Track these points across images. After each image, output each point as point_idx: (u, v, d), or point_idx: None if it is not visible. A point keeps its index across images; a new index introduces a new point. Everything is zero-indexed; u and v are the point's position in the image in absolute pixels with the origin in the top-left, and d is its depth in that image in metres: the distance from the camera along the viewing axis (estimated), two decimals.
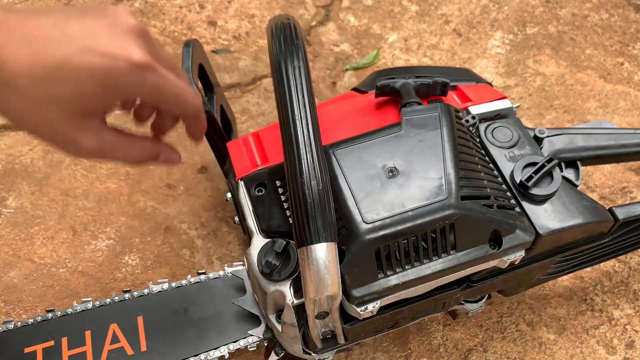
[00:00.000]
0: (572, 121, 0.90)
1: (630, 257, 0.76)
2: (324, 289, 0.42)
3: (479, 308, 0.63)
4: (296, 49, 0.48)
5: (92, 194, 0.78)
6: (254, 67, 0.94)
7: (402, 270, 0.48)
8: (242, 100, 0.90)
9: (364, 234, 0.46)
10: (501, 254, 0.50)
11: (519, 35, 1.00)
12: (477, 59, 0.97)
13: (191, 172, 0.81)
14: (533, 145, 0.57)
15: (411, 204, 0.47)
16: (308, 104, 0.45)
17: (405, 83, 0.56)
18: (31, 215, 0.76)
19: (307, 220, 0.41)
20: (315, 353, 0.56)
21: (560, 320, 0.70)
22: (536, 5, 1.05)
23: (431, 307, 0.57)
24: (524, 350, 0.68)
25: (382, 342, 0.68)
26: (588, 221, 0.53)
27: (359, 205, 0.47)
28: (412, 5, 1.05)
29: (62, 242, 0.74)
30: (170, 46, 0.95)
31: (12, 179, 0.79)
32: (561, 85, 0.94)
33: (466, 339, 0.69)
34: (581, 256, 0.60)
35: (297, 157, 0.43)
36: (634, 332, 0.70)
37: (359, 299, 0.48)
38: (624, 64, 0.97)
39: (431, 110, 0.53)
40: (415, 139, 0.51)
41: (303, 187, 0.42)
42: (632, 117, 0.90)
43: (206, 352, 0.58)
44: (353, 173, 0.49)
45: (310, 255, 0.41)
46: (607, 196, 0.81)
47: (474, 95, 0.61)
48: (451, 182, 0.48)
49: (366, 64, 0.96)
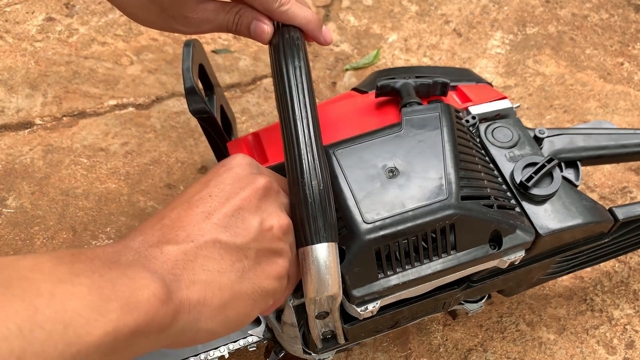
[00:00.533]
0: (572, 121, 0.90)
1: (630, 257, 0.76)
2: (325, 289, 0.42)
3: (479, 308, 0.63)
4: (297, 49, 0.48)
5: (92, 194, 0.78)
6: (254, 67, 0.94)
7: (402, 270, 0.48)
8: (242, 100, 0.90)
9: (364, 234, 0.46)
10: (501, 254, 0.50)
11: (519, 35, 1.01)
12: (477, 59, 0.97)
13: (191, 172, 0.81)
14: (533, 146, 0.57)
15: (411, 204, 0.47)
16: (308, 104, 0.45)
17: (405, 83, 0.56)
18: (31, 215, 0.76)
19: (307, 220, 0.41)
20: (315, 353, 0.56)
21: (560, 320, 0.70)
22: (536, 5, 1.05)
23: (431, 307, 0.57)
24: (524, 350, 0.68)
25: (382, 342, 0.68)
26: (588, 221, 0.53)
27: (359, 205, 0.47)
28: (412, 5, 1.05)
29: (62, 242, 0.74)
30: (170, 46, 0.95)
31: (12, 179, 0.79)
32: (561, 85, 0.94)
33: (466, 339, 0.69)
34: (581, 256, 0.60)
35: (298, 157, 0.43)
36: (634, 332, 0.70)
37: (359, 299, 0.48)
38: (624, 64, 0.97)
39: (431, 110, 0.53)
40: (416, 139, 0.51)
41: (304, 187, 0.42)
42: (632, 117, 0.90)
43: (206, 352, 0.58)
44: (353, 173, 0.49)
45: (310, 255, 0.41)
46: (607, 196, 0.81)
47: (474, 95, 0.61)
48: (451, 182, 0.48)
49: (366, 64, 0.96)
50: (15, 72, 0.90)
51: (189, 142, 0.84)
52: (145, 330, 0.31)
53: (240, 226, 0.38)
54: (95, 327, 0.29)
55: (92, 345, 0.29)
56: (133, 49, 0.94)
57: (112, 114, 0.86)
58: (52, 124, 0.85)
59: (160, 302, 0.32)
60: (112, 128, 0.85)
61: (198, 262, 0.35)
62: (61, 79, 0.90)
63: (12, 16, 0.97)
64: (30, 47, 0.93)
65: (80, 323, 0.28)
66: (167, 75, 0.91)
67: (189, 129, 0.86)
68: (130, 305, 0.31)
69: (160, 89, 0.90)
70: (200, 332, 0.36)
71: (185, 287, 0.34)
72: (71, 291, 0.29)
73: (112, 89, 0.89)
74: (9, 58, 0.91)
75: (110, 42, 0.95)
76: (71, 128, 0.84)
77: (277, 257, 0.40)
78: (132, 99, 0.88)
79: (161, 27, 0.50)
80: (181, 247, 0.35)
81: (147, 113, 0.87)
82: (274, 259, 0.40)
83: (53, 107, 0.86)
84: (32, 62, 0.91)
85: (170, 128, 0.85)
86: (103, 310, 0.29)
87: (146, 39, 0.96)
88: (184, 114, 0.87)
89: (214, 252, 0.36)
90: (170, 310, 0.33)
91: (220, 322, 0.37)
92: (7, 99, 0.87)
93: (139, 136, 0.84)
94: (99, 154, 0.82)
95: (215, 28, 0.50)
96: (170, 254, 0.35)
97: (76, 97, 0.88)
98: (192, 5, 0.48)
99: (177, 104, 0.88)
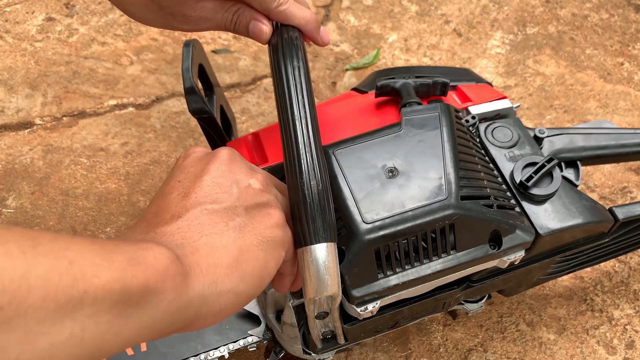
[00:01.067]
0: (572, 121, 0.90)
1: (630, 257, 0.76)
2: (324, 289, 0.41)
3: (479, 308, 0.63)
4: (296, 49, 0.48)
5: (92, 194, 0.78)
6: (254, 67, 0.94)
7: (402, 270, 0.48)
8: (242, 100, 0.90)
9: (364, 234, 0.46)
10: (501, 254, 0.50)
11: (519, 35, 1.00)
12: (477, 59, 0.97)
13: None
14: (533, 145, 0.57)
15: (411, 204, 0.47)
16: (308, 104, 0.45)
17: (405, 83, 0.56)
18: (31, 215, 0.76)
19: (306, 220, 0.41)
20: (315, 353, 0.56)
21: (560, 320, 0.70)
22: (536, 5, 1.05)
23: (431, 307, 0.57)
24: (524, 350, 0.68)
25: (382, 342, 0.68)
26: (588, 221, 0.53)
27: (358, 205, 0.47)
28: (412, 5, 1.05)
29: None
30: (170, 46, 0.95)
31: (12, 179, 0.79)
32: (561, 85, 0.94)
33: (466, 339, 0.69)
34: (581, 256, 0.60)
35: (297, 158, 0.43)
36: (634, 332, 0.70)
37: (359, 299, 0.47)
38: (624, 64, 0.97)
39: (431, 110, 0.53)
40: (415, 139, 0.51)
41: (303, 187, 0.42)
42: (632, 117, 0.90)
43: (206, 352, 0.58)
44: (353, 173, 0.49)
45: (310, 255, 0.41)
46: (607, 196, 0.81)
47: (474, 95, 0.61)
48: (451, 182, 0.48)
49: (366, 64, 0.96)
50: (15, 72, 0.90)
51: (189, 142, 0.84)
52: (158, 289, 0.31)
53: (219, 192, 0.38)
54: (102, 270, 0.28)
55: (100, 289, 0.27)
56: (133, 49, 0.94)
57: (112, 114, 0.86)
58: (52, 124, 0.85)
59: (169, 259, 0.32)
60: (112, 128, 0.85)
61: (193, 231, 0.36)
62: (61, 79, 0.90)
63: (12, 16, 0.97)
64: (30, 47, 0.93)
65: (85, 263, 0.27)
66: (167, 75, 0.91)
67: (189, 129, 0.86)
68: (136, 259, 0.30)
69: (160, 89, 0.90)
70: (222, 295, 0.35)
71: (190, 253, 0.34)
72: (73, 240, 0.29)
73: (112, 89, 0.89)
74: (9, 58, 0.91)
75: (110, 42, 0.95)
76: (71, 128, 0.84)
77: (268, 208, 0.40)
78: (132, 99, 0.88)
79: (160, 25, 0.51)
80: (172, 225, 0.36)
81: (147, 113, 0.87)
82: (266, 210, 0.40)
83: (53, 107, 0.86)
84: (32, 62, 0.91)
85: (170, 128, 0.85)
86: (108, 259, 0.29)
87: (146, 38, 0.96)
88: (184, 114, 0.87)
89: (205, 219, 0.36)
90: (180, 271, 0.32)
91: (239, 279, 0.36)
92: (7, 99, 0.87)
93: (139, 136, 0.84)
94: (99, 154, 0.82)
95: (213, 26, 0.51)
96: (165, 231, 0.35)
97: (76, 97, 0.88)
98: (190, 4, 0.48)
99: (177, 104, 0.88)
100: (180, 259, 0.33)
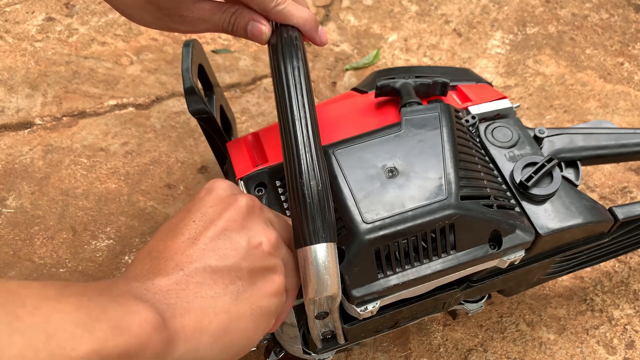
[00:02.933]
0: (572, 121, 0.90)
1: (630, 257, 0.76)
2: (324, 289, 0.41)
3: (479, 308, 0.63)
4: (295, 49, 0.48)
5: (92, 194, 0.78)
6: (254, 67, 0.94)
7: (402, 270, 0.48)
8: (242, 100, 0.90)
9: (364, 234, 0.46)
10: (501, 254, 0.50)
11: (519, 35, 1.00)
12: (477, 59, 0.97)
13: (191, 172, 0.81)
14: (533, 145, 0.57)
15: (411, 204, 0.47)
16: (307, 104, 0.45)
17: (405, 83, 0.56)
18: (31, 215, 0.76)
19: (306, 220, 0.41)
20: (315, 353, 0.56)
21: (560, 320, 0.70)
22: (536, 5, 1.05)
23: (431, 307, 0.57)
24: (524, 350, 0.68)
25: (382, 342, 0.68)
26: (588, 221, 0.53)
27: (358, 205, 0.47)
28: (412, 5, 1.05)
29: (62, 242, 0.74)
30: (170, 46, 0.95)
31: (12, 179, 0.79)
32: (561, 85, 0.94)
33: (466, 339, 0.69)
34: (581, 256, 0.60)
35: (297, 158, 0.43)
36: (634, 332, 0.70)
37: (359, 299, 0.47)
38: (624, 64, 0.97)
39: (431, 110, 0.53)
40: (415, 139, 0.51)
41: (302, 187, 0.42)
42: (632, 117, 0.90)
43: None
44: (353, 173, 0.49)
45: (309, 255, 0.41)
46: (607, 196, 0.81)
47: (474, 95, 0.61)
48: (451, 182, 0.48)
49: (366, 64, 0.96)
50: (15, 72, 0.90)
51: (189, 142, 0.84)
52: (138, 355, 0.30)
53: (228, 247, 0.37)
54: (81, 343, 0.28)
55: None
56: (133, 49, 0.94)
57: (112, 114, 0.86)
58: (52, 124, 0.85)
59: (153, 328, 0.31)
60: (112, 128, 0.85)
61: (190, 290, 0.35)
62: (61, 79, 0.90)
63: (12, 16, 0.97)
64: (30, 47, 0.93)
65: (64, 337, 0.27)
66: (167, 75, 0.91)
67: (189, 129, 0.86)
68: (120, 327, 0.30)
69: (160, 89, 0.90)
70: None
71: (180, 315, 0.34)
72: (57, 307, 0.28)
73: (112, 89, 0.89)
74: (9, 58, 0.91)
75: (110, 42, 0.95)
76: (71, 128, 0.84)
77: (271, 274, 0.39)
78: (132, 99, 0.88)
79: (157, 26, 0.50)
80: (171, 277, 0.35)
81: (147, 113, 0.87)
82: (269, 276, 0.39)
83: (53, 107, 0.86)
84: (32, 62, 0.91)
85: (170, 128, 0.85)
86: (90, 328, 0.28)
87: (146, 39, 0.96)
88: (184, 114, 0.87)
89: (206, 278, 0.36)
90: (164, 338, 0.32)
91: (221, 349, 0.36)
92: (7, 99, 0.87)
93: (139, 136, 0.84)
94: (99, 154, 0.82)
95: (211, 28, 0.50)
96: (162, 285, 0.34)
97: (76, 97, 0.88)
98: (188, 5, 0.48)
99: (177, 104, 0.88)
100: (167, 323, 0.33)
